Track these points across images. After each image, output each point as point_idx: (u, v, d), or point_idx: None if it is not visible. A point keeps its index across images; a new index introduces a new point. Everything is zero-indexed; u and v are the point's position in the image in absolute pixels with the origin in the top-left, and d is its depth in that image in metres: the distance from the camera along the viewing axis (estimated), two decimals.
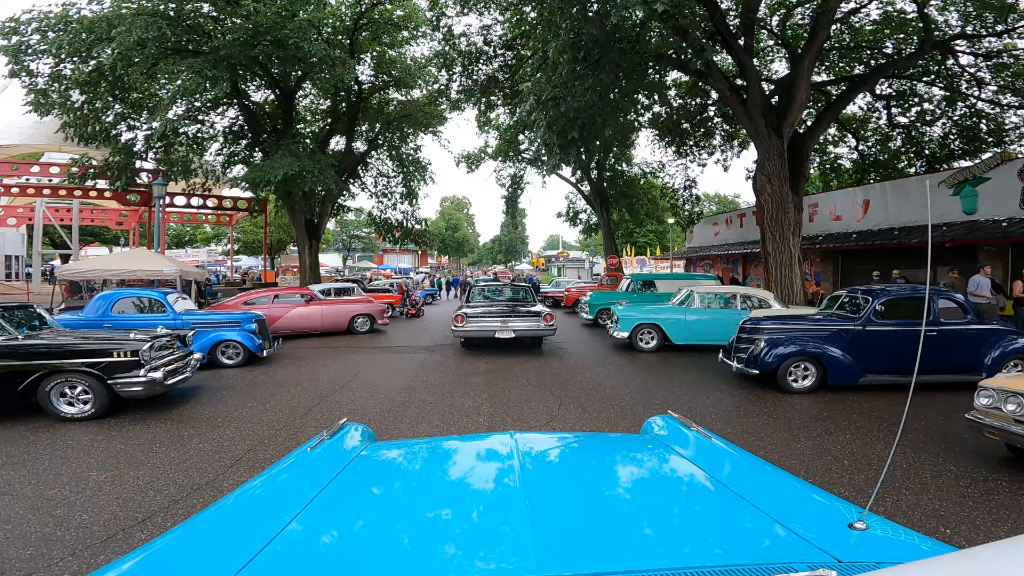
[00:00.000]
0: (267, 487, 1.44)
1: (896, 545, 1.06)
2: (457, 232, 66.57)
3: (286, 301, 12.13)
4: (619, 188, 26.68)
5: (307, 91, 21.03)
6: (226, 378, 7.72)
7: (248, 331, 8.66)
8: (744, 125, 12.70)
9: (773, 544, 1.05)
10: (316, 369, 8.47)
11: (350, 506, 1.29)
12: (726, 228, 23.50)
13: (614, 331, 10.15)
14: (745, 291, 10.28)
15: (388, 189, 21.29)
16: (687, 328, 9.77)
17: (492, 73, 18.35)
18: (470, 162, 28.07)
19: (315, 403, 6.33)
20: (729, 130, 20.01)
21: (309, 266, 18.49)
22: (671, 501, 1.33)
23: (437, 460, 1.68)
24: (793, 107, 11.94)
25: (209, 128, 18.69)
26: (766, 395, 6.60)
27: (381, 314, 13.18)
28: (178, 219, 28.78)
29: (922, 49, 13.32)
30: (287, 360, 9.22)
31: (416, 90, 19.95)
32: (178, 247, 52.80)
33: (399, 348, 10.80)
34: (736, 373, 7.28)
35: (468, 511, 1.23)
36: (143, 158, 16.51)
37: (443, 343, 11.31)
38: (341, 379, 7.65)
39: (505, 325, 9.66)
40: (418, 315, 17.55)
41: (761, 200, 11.75)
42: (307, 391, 6.94)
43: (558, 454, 1.73)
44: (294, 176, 13.04)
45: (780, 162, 11.65)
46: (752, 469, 1.50)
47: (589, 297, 14.75)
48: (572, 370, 8.31)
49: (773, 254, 11.65)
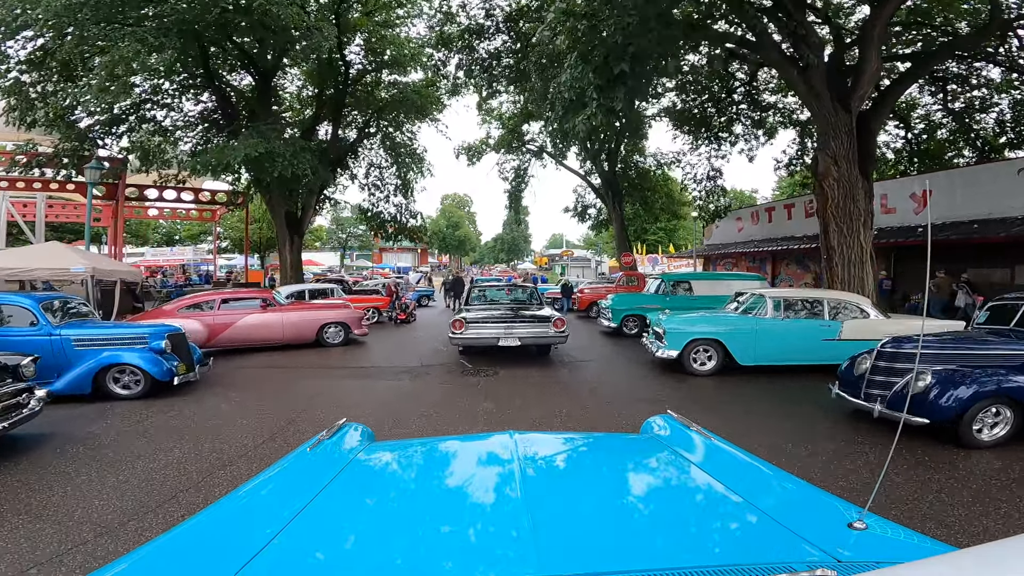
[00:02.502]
0: (266, 487, 1.44)
1: (896, 545, 1.06)
2: (458, 230, 64.42)
3: (236, 306, 9.84)
4: (632, 180, 24.61)
5: (293, 78, 19.15)
6: (101, 419, 5.54)
7: (153, 351, 6.39)
8: (803, 98, 10.62)
9: (773, 544, 1.03)
10: (242, 405, 6.19)
11: (350, 506, 1.29)
12: (751, 224, 21.43)
13: (657, 348, 7.87)
14: (835, 296, 8.05)
15: (380, 180, 19.24)
16: (759, 344, 7.41)
17: (495, 50, 16.33)
18: (471, 154, 26.01)
19: (202, 476, 4.04)
20: (756, 117, 17.96)
21: (291, 264, 16.45)
22: (671, 501, 1.33)
23: (437, 460, 1.68)
24: (863, 78, 9.89)
25: (182, 115, 16.73)
26: (950, 456, 4.37)
27: (358, 322, 10.89)
28: (157, 214, 26.67)
29: (988, 28, 11.30)
30: (212, 389, 6.97)
31: (411, 73, 18.01)
32: (168, 245, 50.94)
33: (373, 369, 8.54)
34: (877, 416, 4.83)
35: (468, 511, 1.23)
36: (97, 144, 14.46)
37: (432, 362, 8.98)
38: (269, 426, 5.31)
39: (509, 332, 8.46)
40: (409, 321, 15.16)
41: (824, 186, 9.69)
42: (203, 450, 4.64)
43: (558, 454, 1.71)
44: (260, 158, 10.94)
45: (848, 141, 9.60)
46: (752, 469, 1.48)
47: (611, 301, 12.48)
48: (612, 412, 5.92)
49: (839, 250, 9.59)
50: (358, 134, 18.88)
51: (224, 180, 18.15)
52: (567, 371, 8.30)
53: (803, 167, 18.44)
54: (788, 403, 6.20)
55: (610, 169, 23.34)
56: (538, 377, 7.76)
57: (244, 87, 17.41)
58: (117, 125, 14.83)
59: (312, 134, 17.45)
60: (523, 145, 25.91)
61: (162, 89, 15.66)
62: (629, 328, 11.79)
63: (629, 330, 11.77)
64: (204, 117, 16.76)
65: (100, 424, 5.39)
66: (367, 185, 19.20)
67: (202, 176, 13.18)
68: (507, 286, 12.75)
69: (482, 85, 18.95)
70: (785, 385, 6.98)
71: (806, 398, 6.31)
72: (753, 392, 6.76)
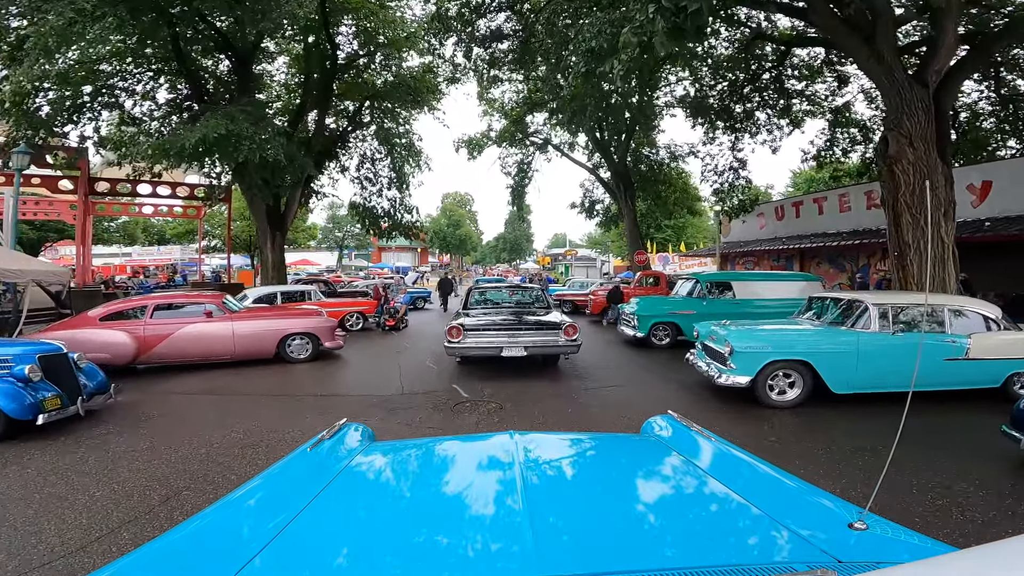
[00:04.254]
0: (267, 486, 1.44)
1: (896, 545, 1.05)
2: (459, 229, 62.71)
3: (174, 314, 8.13)
4: (643, 174, 22.99)
5: (280, 65, 17.61)
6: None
7: (14, 378, 4.76)
8: (868, 71, 8.95)
9: (773, 544, 1.04)
10: (122, 459, 4.42)
11: (350, 506, 1.29)
12: (775, 219, 19.81)
13: (719, 372, 5.99)
14: (955, 303, 6.18)
15: (373, 173, 17.66)
16: (859, 367, 5.63)
17: (496, 27, 14.75)
18: (471, 147, 24.40)
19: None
20: (783, 105, 16.35)
21: (273, 263, 14.86)
22: (671, 501, 1.34)
23: (437, 461, 1.67)
24: (940, 50, 8.29)
25: (156, 105, 15.16)
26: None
27: (330, 333, 9.05)
28: (137, 211, 25.10)
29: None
30: (100, 428, 5.22)
31: (408, 60, 16.44)
32: (161, 244, 49.42)
33: (336, 399, 6.62)
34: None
35: (468, 510, 1.23)
36: (53, 133, 12.90)
37: (416, 388, 7.01)
38: (133, 505, 3.57)
39: (514, 340, 7.42)
40: (398, 327, 13.29)
41: (897, 170, 8.08)
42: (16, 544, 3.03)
43: (559, 455, 1.70)
44: (220, 141, 9.32)
45: (926, 119, 8.00)
46: (752, 469, 1.47)
47: (636, 306, 10.52)
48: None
49: (915, 245, 7.97)
50: (348, 123, 17.30)
51: (202, 173, 16.53)
52: (594, 401, 6.54)
53: (834, 159, 16.91)
54: (933, 447, 4.55)
55: (621, 160, 21.73)
56: (557, 413, 5.99)
57: (222, 73, 15.86)
58: (77, 113, 13.29)
59: (298, 123, 15.91)
60: (527, 137, 24.36)
61: (128, 73, 14.14)
62: (658, 338, 10.10)
63: (658, 340, 10.08)
64: (178, 105, 15.20)
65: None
66: (358, 178, 17.62)
67: (158, 164, 11.54)
68: (511, 287, 11.41)
69: (483, 70, 17.47)
70: (887, 415, 5.29)
71: (952, 440, 4.77)
72: (869, 431, 5.02)
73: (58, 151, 13.33)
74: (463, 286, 26.32)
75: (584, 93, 11.44)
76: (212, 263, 37.68)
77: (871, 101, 16.15)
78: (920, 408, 5.52)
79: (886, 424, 5.10)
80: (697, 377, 6.97)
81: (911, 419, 4.76)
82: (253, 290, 11.57)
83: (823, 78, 16.11)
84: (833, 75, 15.68)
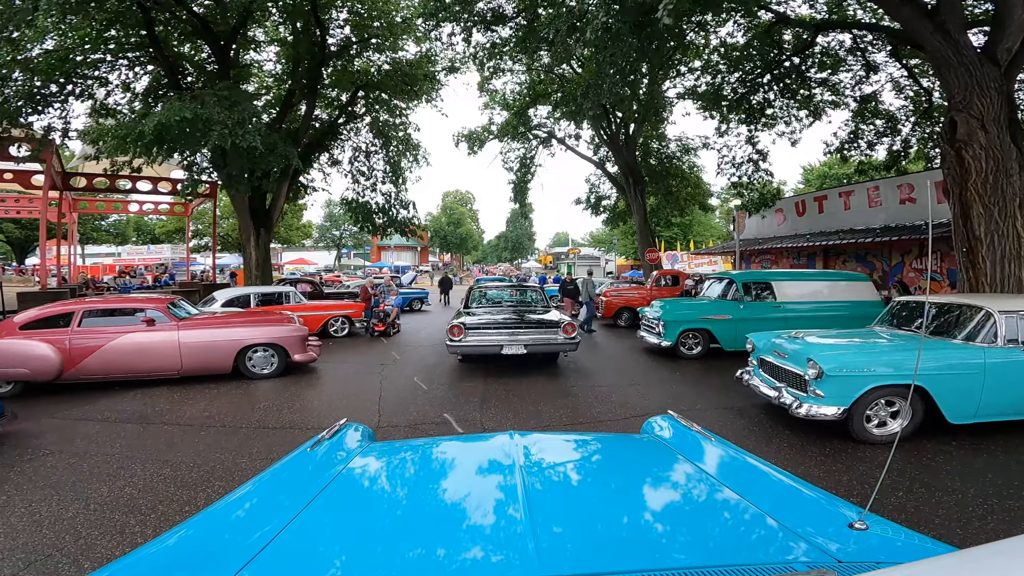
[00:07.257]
0: (267, 486, 1.42)
1: (896, 545, 1.04)
2: (460, 228, 61.57)
3: (108, 322, 6.92)
4: (653, 168, 21.86)
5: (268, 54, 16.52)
6: None
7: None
8: (931, 48, 7.74)
9: (773, 544, 1.03)
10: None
11: (350, 506, 1.28)
12: (795, 215, 18.68)
13: (794, 401, 4.75)
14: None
15: (366, 166, 16.55)
16: (987, 390, 4.48)
17: (498, 7, 13.67)
18: (472, 142, 23.31)
19: None
20: (804, 94, 15.25)
21: (256, 262, 13.76)
22: (672, 501, 1.32)
23: (437, 460, 1.63)
24: (1012, 26, 7.18)
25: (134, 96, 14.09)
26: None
27: (300, 343, 7.77)
28: (122, 208, 24.01)
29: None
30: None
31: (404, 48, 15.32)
32: (153, 243, 48.38)
33: (295, 433, 5.16)
34: None
35: (468, 511, 1.21)
36: (16, 123, 11.81)
37: (398, 419, 5.59)
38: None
39: (514, 338, 7.61)
40: (388, 333, 11.99)
41: (966, 155, 6.97)
42: None
43: (559, 455, 1.67)
44: (184, 125, 8.18)
45: (999, 100, 6.92)
46: (752, 469, 1.45)
47: (661, 310, 9.06)
48: None
49: (987, 240, 6.87)
50: (340, 113, 16.19)
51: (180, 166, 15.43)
52: (621, 432, 5.53)
53: (859, 152, 15.79)
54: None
55: (630, 153, 20.62)
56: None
57: (202, 60, 14.76)
58: (43, 103, 12.21)
59: (286, 113, 14.81)
60: (529, 131, 23.25)
61: (100, 61, 13.06)
62: (688, 347, 8.83)
63: (688, 350, 8.82)
64: (156, 95, 14.11)
65: None
66: (351, 172, 16.51)
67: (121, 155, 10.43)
68: (511, 287, 11.25)
69: (483, 57, 16.41)
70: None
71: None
72: (1005, 477, 3.84)
73: (21, 143, 12.22)
74: (463, 286, 25.36)
75: (596, 72, 10.36)
76: (206, 263, 36.62)
77: (899, 91, 15.06)
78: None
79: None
80: (750, 396, 5.84)
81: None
82: (222, 292, 10.39)
83: (847, 66, 15.02)
84: (860, 62, 14.57)
